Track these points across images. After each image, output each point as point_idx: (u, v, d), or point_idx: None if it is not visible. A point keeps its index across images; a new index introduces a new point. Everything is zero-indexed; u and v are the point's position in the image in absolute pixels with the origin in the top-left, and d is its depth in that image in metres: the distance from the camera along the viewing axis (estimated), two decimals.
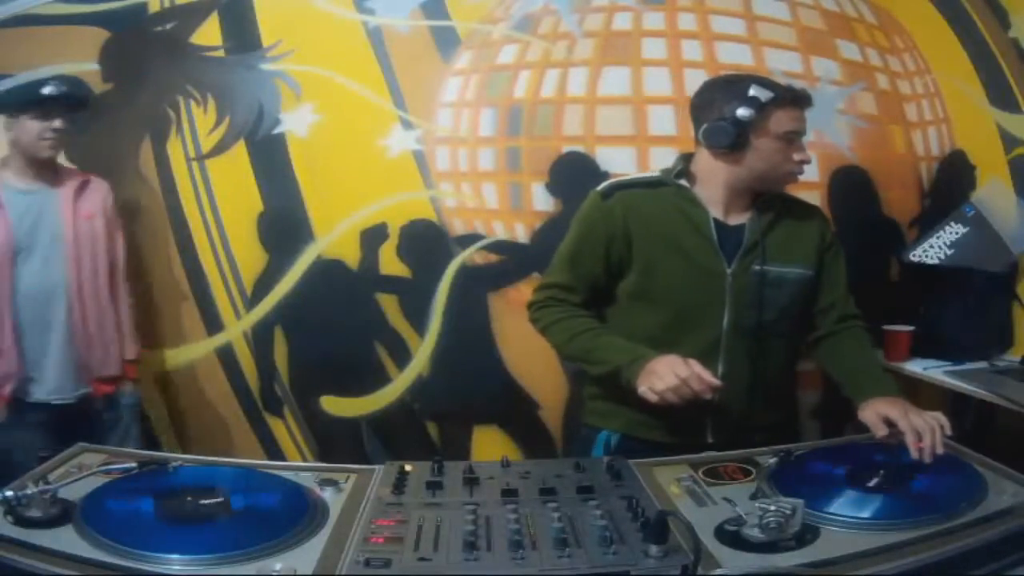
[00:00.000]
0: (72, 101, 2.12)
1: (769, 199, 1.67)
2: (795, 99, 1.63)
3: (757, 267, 1.62)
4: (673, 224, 1.64)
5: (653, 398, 1.46)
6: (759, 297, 1.61)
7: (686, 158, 1.72)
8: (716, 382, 1.44)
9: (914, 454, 1.33)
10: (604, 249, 1.65)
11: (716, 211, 1.65)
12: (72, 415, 2.12)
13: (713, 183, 1.66)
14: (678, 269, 1.62)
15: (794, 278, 1.65)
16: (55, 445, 1.46)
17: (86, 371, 2.15)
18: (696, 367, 1.45)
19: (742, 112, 1.58)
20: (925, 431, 1.34)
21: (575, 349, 1.66)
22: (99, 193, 2.22)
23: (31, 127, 2.07)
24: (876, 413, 1.42)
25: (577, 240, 1.70)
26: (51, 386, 2.11)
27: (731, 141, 1.59)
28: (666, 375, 1.44)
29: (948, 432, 1.35)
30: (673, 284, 1.62)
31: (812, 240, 1.69)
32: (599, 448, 1.69)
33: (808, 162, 1.66)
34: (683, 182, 1.67)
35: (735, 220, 1.65)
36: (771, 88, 1.60)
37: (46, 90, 2.07)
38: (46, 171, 2.15)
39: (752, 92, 1.59)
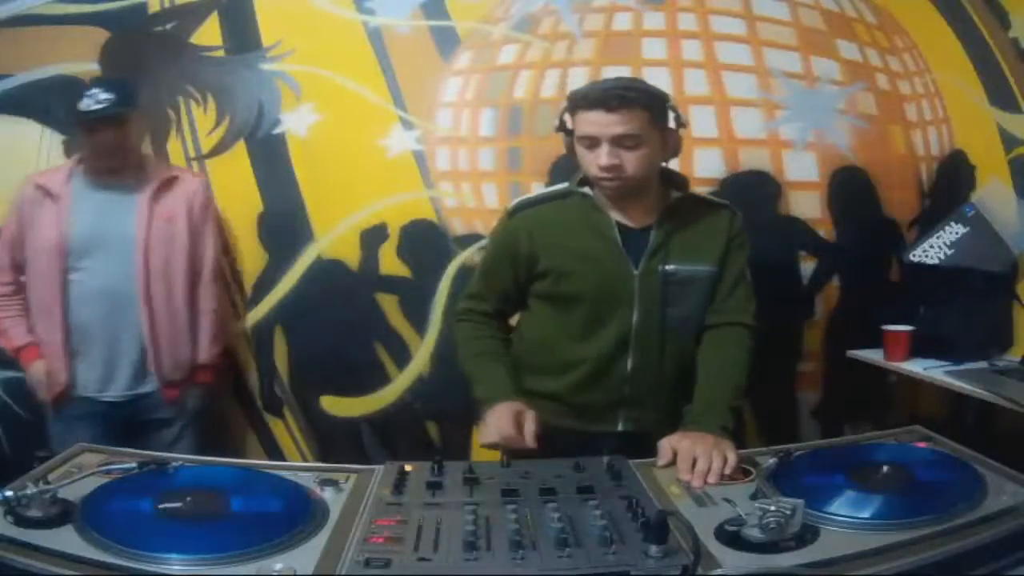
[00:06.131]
0: (111, 112, 1.95)
1: (678, 201, 1.67)
2: (591, 102, 1.54)
3: (663, 267, 1.63)
4: (579, 234, 1.65)
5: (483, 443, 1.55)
6: (667, 295, 1.64)
7: None
8: (532, 444, 1.48)
9: (683, 476, 1.30)
10: (510, 266, 1.71)
11: (619, 215, 1.65)
12: (131, 415, 2.10)
13: (596, 187, 1.67)
14: (588, 277, 1.64)
15: (702, 276, 1.66)
16: (109, 443, 1.48)
17: (157, 374, 2.10)
18: (528, 423, 1.51)
19: (563, 116, 1.63)
20: (701, 457, 1.31)
21: (466, 370, 1.73)
22: (185, 193, 2.14)
23: (82, 141, 1.96)
24: (668, 442, 1.40)
25: (488, 257, 1.79)
26: (122, 385, 2.08)
27: (566, 147, 1.65)
28: (490, 432, 1.53)
29: (728, 470, 1.31)
30: (584, 290, 1.65)
31: (719, 238, 1.68)
32: None
33: (607, 168, 1.54)
34: (587, 190, 1.67)
35: (643, 223, 1.65)
36: (578, 92, 1.59)
37: (82, 104, 1.93)
38: (127, 170, 2.07)
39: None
